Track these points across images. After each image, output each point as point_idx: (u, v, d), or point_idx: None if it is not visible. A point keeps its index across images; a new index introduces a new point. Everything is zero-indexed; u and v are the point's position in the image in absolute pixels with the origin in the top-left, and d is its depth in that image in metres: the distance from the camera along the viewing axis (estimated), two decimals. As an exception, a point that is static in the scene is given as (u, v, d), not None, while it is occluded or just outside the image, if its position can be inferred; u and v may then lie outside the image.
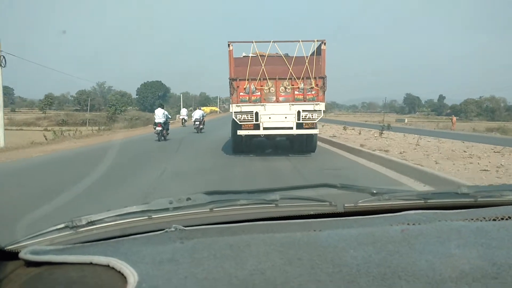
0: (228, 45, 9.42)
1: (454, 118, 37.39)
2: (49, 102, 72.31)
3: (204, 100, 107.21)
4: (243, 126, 9.65)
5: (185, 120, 27.25)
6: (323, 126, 23.31)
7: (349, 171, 7.96)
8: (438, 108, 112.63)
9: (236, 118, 9.57)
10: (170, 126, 17.14)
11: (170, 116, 16.97)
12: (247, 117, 9.54)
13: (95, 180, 6.57)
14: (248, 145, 10.52)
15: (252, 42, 9.50)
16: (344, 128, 20.87)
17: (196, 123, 20.65)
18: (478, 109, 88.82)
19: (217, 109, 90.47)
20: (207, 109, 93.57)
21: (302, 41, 9.35)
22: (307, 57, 9.32)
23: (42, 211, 4.35)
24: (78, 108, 74.91)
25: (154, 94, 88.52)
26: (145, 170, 8.20)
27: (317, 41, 9.36)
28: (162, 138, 15.34)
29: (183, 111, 28.10)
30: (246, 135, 9.83)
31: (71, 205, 4.74)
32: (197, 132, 20.29)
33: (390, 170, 7.88)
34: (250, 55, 9.51)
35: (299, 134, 9.79)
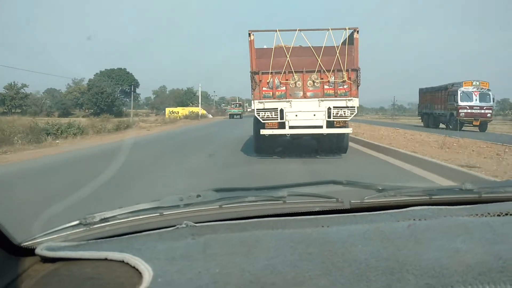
0: (249, 34, 8.31)
1: None
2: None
3: (184, 97, 73.30)
4: (267, 124, 8.62)
5: None
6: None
7: None
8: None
9: (259, 116, 8.53)
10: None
11: None
12: (271, 115, 8.52)
13: None
14: (271, 145, 9.49)
15: (276, 30, 8.42)
16: None
17: None
18: None
19: (199, 110, 53.94)
20: (183, 111, 53.00)
21: (331, 29, 8.38)
22: (337, 47, 8.38)
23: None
24: (6, 111, 55.57)
25: (114, 89, 61.60)
26: None
27: (349, 29, 8.44)
28: None
29: None
30: (269, 135, 8.82)
31: None
32: None
33: None
34: (273, 46, 8.44)
35: (330, 134, 8.88)
